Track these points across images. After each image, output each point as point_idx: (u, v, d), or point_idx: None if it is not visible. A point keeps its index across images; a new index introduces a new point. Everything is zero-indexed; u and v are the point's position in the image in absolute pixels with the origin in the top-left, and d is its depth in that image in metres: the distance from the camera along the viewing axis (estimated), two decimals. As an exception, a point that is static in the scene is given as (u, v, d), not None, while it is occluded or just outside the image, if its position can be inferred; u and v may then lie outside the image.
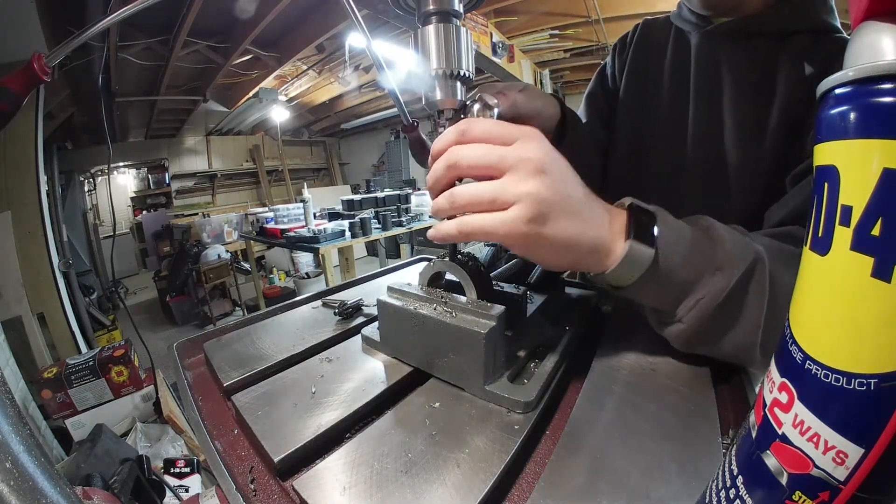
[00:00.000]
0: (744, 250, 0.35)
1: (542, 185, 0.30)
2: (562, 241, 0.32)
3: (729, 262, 0.35)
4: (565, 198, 0.32)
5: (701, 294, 0.35)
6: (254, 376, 0.41)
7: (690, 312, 0.35)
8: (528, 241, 0.31)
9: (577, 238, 0.32)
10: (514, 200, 0.30)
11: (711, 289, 0.35)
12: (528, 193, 0.30)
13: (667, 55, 0.64)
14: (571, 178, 0.33)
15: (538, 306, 0.45)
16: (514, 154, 0.31)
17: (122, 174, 5.85)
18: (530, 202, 0.30)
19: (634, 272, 0.34)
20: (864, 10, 0.16)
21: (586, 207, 0.33)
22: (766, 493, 0.18)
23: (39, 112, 1.90)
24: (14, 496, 0.16)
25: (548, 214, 0.30)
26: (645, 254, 0.33)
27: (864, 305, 0.15)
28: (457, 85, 0.39)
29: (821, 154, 0.18)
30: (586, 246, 0.33)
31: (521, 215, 0.30)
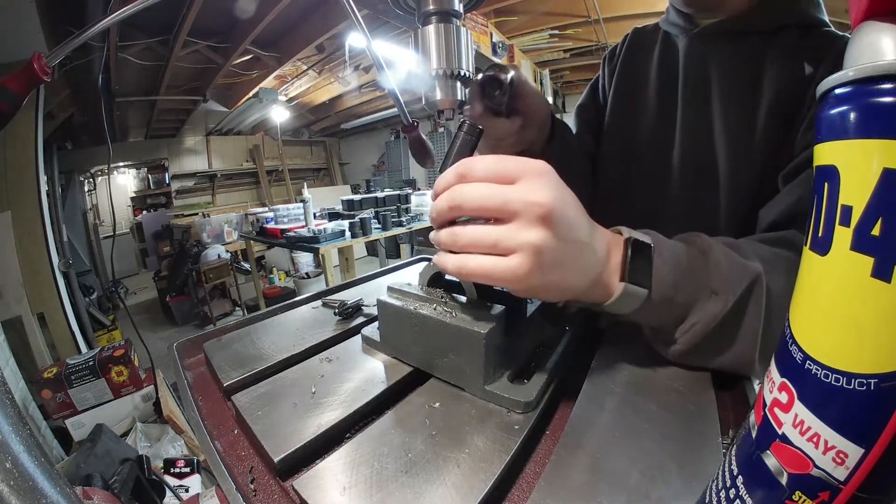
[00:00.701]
0: (741, 273, 0.36)
1: (545, 235, 0.30)
2: (560, 287, 0.32)
3: (724, 287, 0.35)
4: (568, 244, 0.31)
5: (696, 319, 0.36)
6: (254, 376, 0.41)
7: (685, 336, 0.36)
8: (526, 287, 0.31)
9: (575, 283, 0.33)
10: (517, 249, 0.30)
11: (706, 315, 0.35)
12: (531, 244, 0.29)
13: (654, 59, 0.64)
14: (575, 218, 0.32)
15: (538, 306, 0.45)
16: (519, 197, 0.30)
17: (122, 174, 5.85)
18: (532, 253, 0.29)
19: (629, 306, 0.35)
20: (864, 10, 0.16)
21: (587, 252, 0.33)
22: (766, 493, 0.18)
23: (39, 112, 1.90)
24: (14, 496, 0.16)
25: (549, 264, 0.30)
26: (639, 293, 0.34)
27: (864, 305, 0.15)
28: (457, 85, 0.39)
29: (821, 154, 0.18)
30: (583, 286, 0.34)
31: (522, 265, 0.30)
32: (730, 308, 0.35)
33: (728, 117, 0.55)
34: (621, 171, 0.67)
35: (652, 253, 0.35)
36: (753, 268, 0.37)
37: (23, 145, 1.86)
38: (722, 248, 0.38)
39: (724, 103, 0.55)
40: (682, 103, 0.60)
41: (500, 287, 0.52)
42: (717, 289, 0.36)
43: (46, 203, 1.92)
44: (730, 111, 0.55)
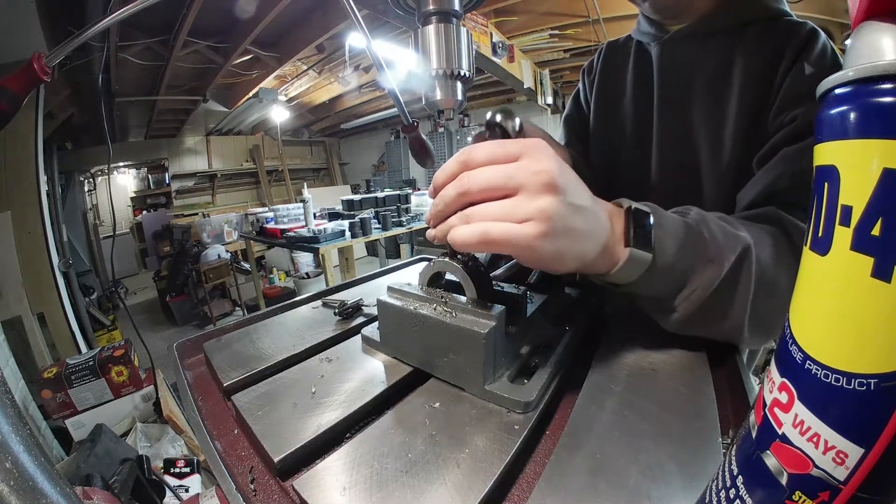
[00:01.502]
0: (733, 241, 0.39)
1: (553, 201, 0.31)
2: (571, 253, 0.33)
3: (719, 255, 0.38)
4: (576, 211, 0.32)
5: (695, 285, 0.38)
6: (254, 376, 0.41)
7: (684, 303, 0.39)
8: (539, 255, 0.32)
9: (585, 250, 0.34)
10: (529, 216, 0.31)
11: (704, 280, 0.38)
12: (542, 210, 0.30)
13: (629, 68, 0.68)
14: (580, 188, 0.34)
15: (538, 306, 0.45)
16: (524, 170, 0.31)
17: (122, 174, 5.85)
18: (544, 218, 0.30)
19: (634, 273, 0.37)
20: (864, 10, 0.16)
21: (593, 217, 0.34)
22: (766, 493, 0.18)
23: (39, 112, 1.90)
24: (14, 496, 0.16)
25: (560, 230, 0.31)
26: (643, 257, 0.36)
27: (864, 305, 0.15)
28: (457, 85, 0.40)
29: (821, 154, 0.18)
30: (592, 254, 0.34)
31: (535, 232, 0.30)
32: (724, 274, 0.37)
33: (704, 114, 0.58)
34: (607, 178, 0.71)
35: (651, 221, 0.37)
36: (744, 237, 0.39)
37: (23, 145, 1.86)
38: (714, 219, 0.41)
39: (699, 101, 0.58)
40: (658, 105, 0.63)
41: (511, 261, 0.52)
42: (713, 256, 0.38)
43: (46, 203, 1.92)
44: (703, 109, 0.58)
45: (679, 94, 0.60)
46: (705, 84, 0.58)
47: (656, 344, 0.44)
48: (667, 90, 0.62)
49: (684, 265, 0.38)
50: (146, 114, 4.75)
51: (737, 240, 0.39)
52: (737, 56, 0.55)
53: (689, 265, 0.38)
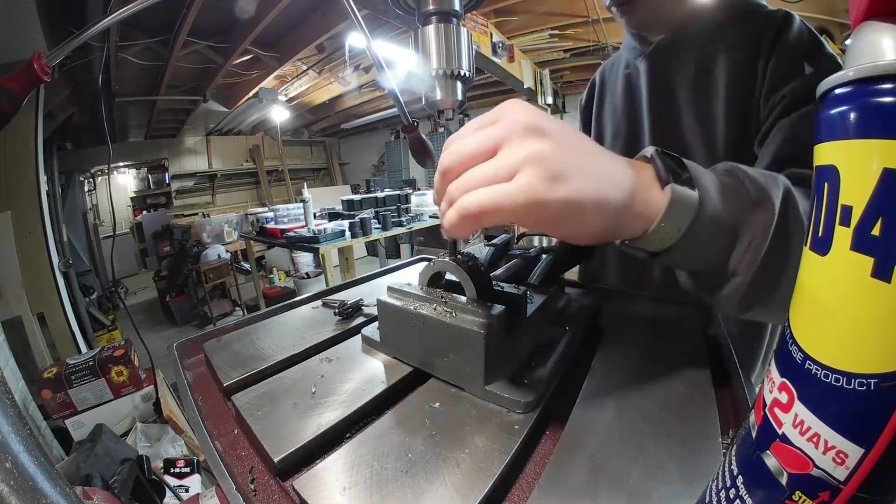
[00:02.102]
0: (772, 181, 0.33)
1: (544, 143, 0.26)
2: (587, 200, 0.26)
3: (765, 195, 0.32)
4: (577, 150, 0.27)
5: (750, 235, 0.31)
6: (254, 376, 0.41)
7: (744, 259, 0.31)
8: (546, 209, 0.25)
9: (604, 194, 0.27)
10: (519, 167, 0.25)
11: (758, 228, 0.31)
12: (532, 154, 0.25)
13: (619, 85, 0.72)
14: (576, 133, 0.29)
15: (538, 306, 0.45)
16: (502, 125, 0.27)
17: (122, 174, 5.85)
18: (537, 162, 0.25)
19: (681, 223, 0.29)
20: (864, 10, 0.16)
21: (604, 157, 0.29)
22: (766, 493, 0.18)
23: (39, 112, 1.89)
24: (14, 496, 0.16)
25: (562, 171, 0.25)
26: (689, 198, 0.29)
27: (864, 305, 0.15)
28: (457, 85, 0.40)
29: (821, 154, 0.18)
30: (617, 201, 0.28)
31: (531, 179, 0.25)
32: (777, 218, 0.31)
33: (693, 116, 0.60)
34: None
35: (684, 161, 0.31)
36: (780, 178, 0.34)
37: (23, 145, 1.85)
38: (742, 166, 0.35)
39: (687, 105, 0.61)
40: (648, 115, 0.66)
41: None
42: (757, 199, 0.32)
43: (46, 203, 1.92)
44: (694, 111, 0.60)
45: (668, 102, 0.62)
46: (690, 87, 0.60)
47: (656, 344, 0.44)
48: (656, 99, 0.65)
49: (732, 214, 0.31)
50: (146, 114, 4.76)
51: (775, 179, 0.33)
52: (717, 56, 0.57)
53: (737, 214, 0.31)
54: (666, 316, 0.52)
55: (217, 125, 5.94)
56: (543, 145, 0.26)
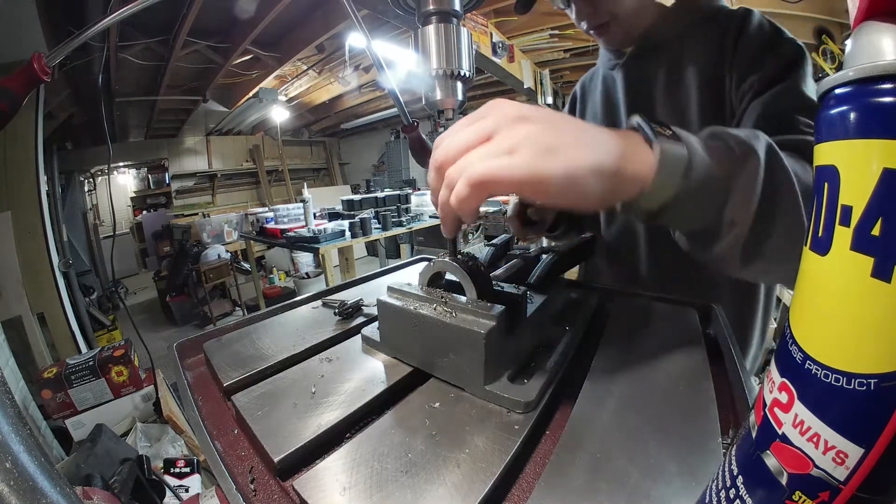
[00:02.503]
0: (752, 136, 0.34)
1: (534, 126, 0.29)
2: (583, 167, 0.29)
3: (749, 149, 0.33)
4: (566, 128, 0.30)
5: (741, 185, 0.33)
6: (254, 376, 0.41)
7: (740, 208, 0.33)
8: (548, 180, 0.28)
9: (599, 159, 0.29)
10: (515, 147, 0.28)
11: (748, 177, 0.33)
12: (525, 135, 0.28)
13: (598, 97, 0.77)
14: (562, 115, 0.32)
15: (538, 306, 0.45)
16: (492, 118, 0.30)
17: (122, 174, 5.85)
18: (532, 142, 0.28)
19: (674, 176, 0.31)
20: (864, 10, 0.16)
21: (593, 131, 0.32)
22: (766, 493, 0.18)
23: (39, 112, 1.89)
24: (14, 496, 0.16)
25: (556, 146, 0.28)
26: (678, 151, 0.31)
27: (864, 305, 0.15)
28: (457, 85, 0.40)
29: (821, 154, 0.18)
30: (611, 165, 0.30)
31: (529, 154, 0.28)
32: (764, 165, 0.33)
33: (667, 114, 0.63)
34: None
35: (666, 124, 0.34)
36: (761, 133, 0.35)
37: (23, 145, 1.85)
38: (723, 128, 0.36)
39: (661, 110, 0.65)
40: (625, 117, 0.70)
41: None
42: (742, 153, 0.33)
43: (46, 203, 1.92)
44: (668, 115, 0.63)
45: (644, 107, 0.66)
46: (663, 90, 0.64)
47: (656, 344, 0.44)
48: (632, 105, 0.68)
49: (721, 168, 0.33)
50: (146, 114, 4.76)
51: (756, 135, 0.35)
52: (685, 59, 0.62)
53: (726, 167, 0.33)
54: (666, 316, 0.52)
55: (217, 125, 5.95)
56: (534, 128, 0.29)
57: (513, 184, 0.28)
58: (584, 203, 0.30)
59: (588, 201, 0.30)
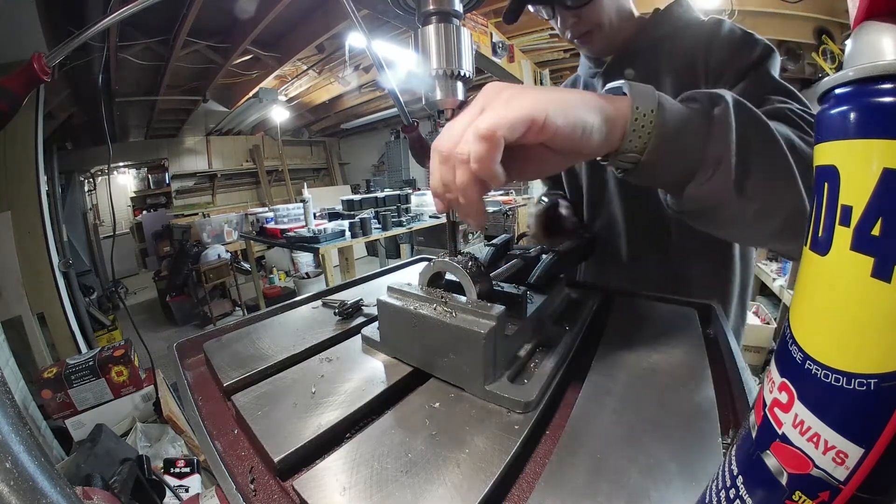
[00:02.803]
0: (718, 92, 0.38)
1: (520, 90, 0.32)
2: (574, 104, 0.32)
3: (716, 96, 0.37)
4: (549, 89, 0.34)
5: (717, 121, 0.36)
6: (254, 376, 0.41)
7: (720, 142, 0.35)
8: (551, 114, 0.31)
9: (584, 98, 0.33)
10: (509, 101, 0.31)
11: (721, 114, 0.36)
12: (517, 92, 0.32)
13: None
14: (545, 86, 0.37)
15: (538, 306, 0.45)
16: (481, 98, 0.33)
17: (122, 174, 5.85)
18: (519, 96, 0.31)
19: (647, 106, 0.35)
20: (864, 10, 0.16)
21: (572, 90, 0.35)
22: (766, 493, 0.18)
23: (39, 112, 1.89)
24: (14, 496, 0.16)
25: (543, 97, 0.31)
26: (647, 89, 0.35)
27: (864, 305, 0.15)
28: (457, 85, 0.40)
29: (821, 154, 0.18)
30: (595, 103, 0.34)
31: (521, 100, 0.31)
32: (732, 103, 0.36)
33: None
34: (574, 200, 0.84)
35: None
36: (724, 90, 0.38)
37: (23, 145, 1.85)
38: None
39: None
40: None
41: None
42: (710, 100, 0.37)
43: (46, 203, 1.92)
44: None
45: None
46: None
47: (656, 344, 0.44)
48: None
49: (693, 113, 0.36)
50: (146, 114, 4.75)
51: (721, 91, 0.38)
52: (661, 66, 0.66)
53: (698, 112, 0.36)
54: (666, 316, 0.52)
55: (217, 125, 5.94)
56: (519, 91, 0.32)
57: (517, 122, 0.30)
58: (581, 141, 0.33)
59: (584, 138, 0.33)
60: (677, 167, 0.37)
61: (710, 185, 0.36)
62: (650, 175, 0.37)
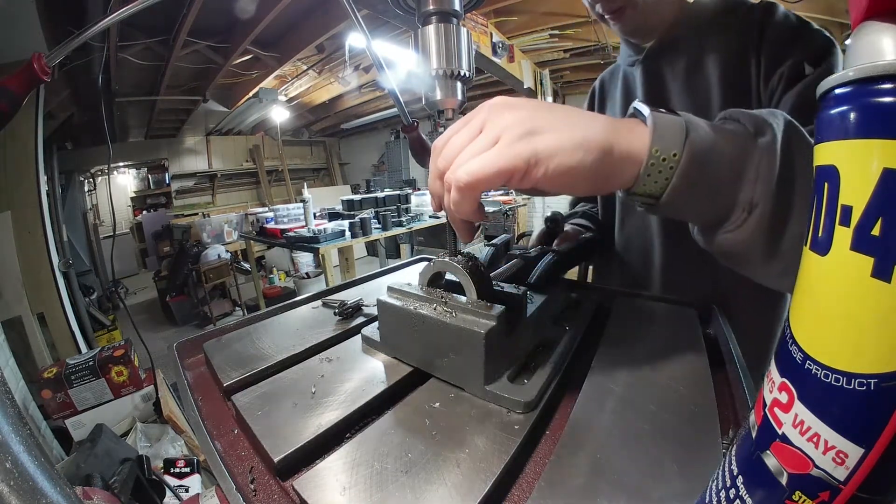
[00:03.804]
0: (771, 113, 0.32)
1: (519, 112, 0.29)
2: (567, 144, 0.28)
3: (763, 123, 0.31)
4: (551, 111, 0.30)
5: (756, 161, 0.29)
6: (254, 376, 0.41)
7: (758, 185, 0.29)
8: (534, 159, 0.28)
9: (585, 136, 0.29)
10: (498, 135, 0.29)
11: (763, 152, 0.29)
12: (509, 122, 0.29)
13: (618, 94, 0.75)
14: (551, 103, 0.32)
15: (538, 306, 0.45)
16: (481, 113, 0.31)
17: (122, 174, 5.85)
18: (513, 127, 0.29)
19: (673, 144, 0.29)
20: (864, 10, 0.16)
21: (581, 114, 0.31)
22: (766, 493, 0.18)
23: (39, 112, 1.89)
24: (14, 496, 0.16)
25: (537, 128, 0.28)
26: (675, 120, 0.30)
27: (864, 305, 0.15)
28: (457, 85, 0.40)
29: (821, 154, 0.18)
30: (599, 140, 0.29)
31: (508, 141, 0.28)
32: (781, 136, 0.30)
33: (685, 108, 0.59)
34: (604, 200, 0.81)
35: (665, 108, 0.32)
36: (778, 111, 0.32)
37: (23, 145, 1.85)
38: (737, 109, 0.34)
39: (679, 102, 0.63)
40: None
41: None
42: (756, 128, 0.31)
43: (46, 203, 1.92)
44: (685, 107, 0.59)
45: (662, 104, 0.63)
46: (683, 87, 0.63)
47: (656, 344, 0.44)
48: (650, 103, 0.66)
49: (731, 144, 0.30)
50: (146, 114, 4.76)
51: (773, 112, 0.32)
52: (706, 53, 0.60)
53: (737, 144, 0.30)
54: (666, 316, 0.52)
55: (217, 125, 5.95)
56: (517, 113, 0.29)
57: (497, 175, 0.28)
58: (574, 185, 0.30)
59: (578, 183, 0.29)
60: (704, 209, 0.32)
61: (735, 235, 0.31)
62: (673, 213, 0.33)
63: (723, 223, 0.32)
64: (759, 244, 0.30)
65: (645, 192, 0.31)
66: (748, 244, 0.31)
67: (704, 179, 0.30)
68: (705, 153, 0.29)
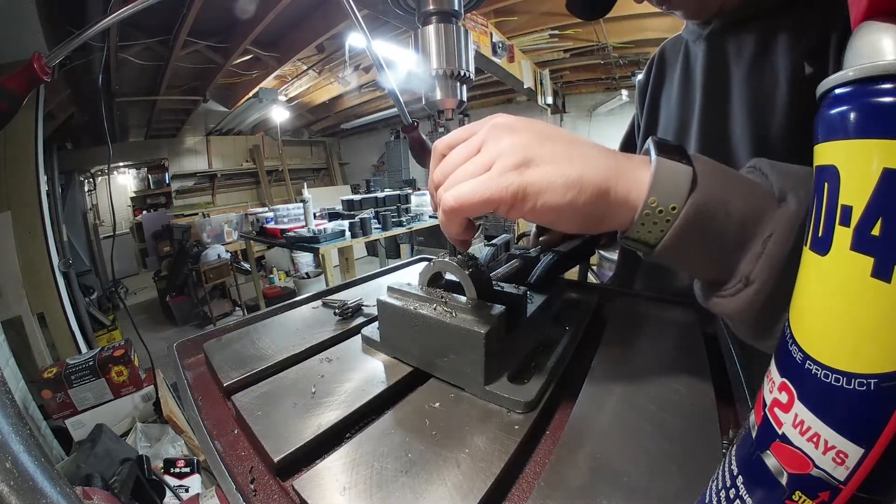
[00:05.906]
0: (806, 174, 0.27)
1: (517, 136, 0.28)
2: (560, 180, 0.26)
3: (796, 182, 0.26)
4: (552, 140, 0.28)
5: (768, 232, 0.26)
6: (254, 376, 0.41)
7: (760, 262, 0.26)
8: (522, 193, 0.27)
9: (580, 173, 0.27)
10: (493, 159, 0.28)
11: (781, 219, 0.25)
12: (505, 147, 0.28)
13: (677, 68, 0.69)
14: (556, 128, 0.30)
15: (538, 306, 0.45)
16: (482, 130, 0.30)
17: (122, 174, 5.86)
18: (509, 153, 0.27)
19: (673, 198, 0.26)
20: (864, 10, 0.16)
21: (583, 146, 0.29)
22: (766, 493, 0.18)
23: (39, 112, 1.90)
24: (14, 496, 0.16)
25: (533, 158, 0.27)
26: (682, 169, 0.26)
27: (864, 305, 0.15)
28: (457, 85, 0.40)
29: (821, 154, 0.18)
30: (595, 180, 0.27)
31: (501, 168, 0.27)
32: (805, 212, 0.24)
33: (746, 104, 0.55)
34: None
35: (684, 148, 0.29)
36: None
37: (23, 145, 1.85)
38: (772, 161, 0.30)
39: (740, 92, 0.57)
40: (700, 102, 0.62)
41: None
42: (782, 191, 0.26)
43: (46, 203, 1.92)
44: (746, 98, 0.55)
45: (721, 89, 0.58)
46: (746, 75, 0.56)
47: (656, 343, 0.44)
48: (710, 86, 0.60)
49: (746, 205, 0.26)
50: (146, 114, 4.76)
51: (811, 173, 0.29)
52: (778, 40, 0.51)
53: (753, 205, 0.26)
54: (666, 316, 0.52)
55: (217, 125, 5.95)
56: (516, 138, 0.28)
57: (482, 204, 0.27)
58: (562, 223, 0.28)
59: (566, 221, 0.28)
60: (699, 269, 0.30)
61: (728, 303, 0.28)
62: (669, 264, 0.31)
63: (722, 285, 0.29)
64: (750, 321, 0.28)
65: (639, 239, 0.29)
66: (740, 315, 0.28)
67: (704, 240, 0.27)
68: (710, 213, 0.26)
